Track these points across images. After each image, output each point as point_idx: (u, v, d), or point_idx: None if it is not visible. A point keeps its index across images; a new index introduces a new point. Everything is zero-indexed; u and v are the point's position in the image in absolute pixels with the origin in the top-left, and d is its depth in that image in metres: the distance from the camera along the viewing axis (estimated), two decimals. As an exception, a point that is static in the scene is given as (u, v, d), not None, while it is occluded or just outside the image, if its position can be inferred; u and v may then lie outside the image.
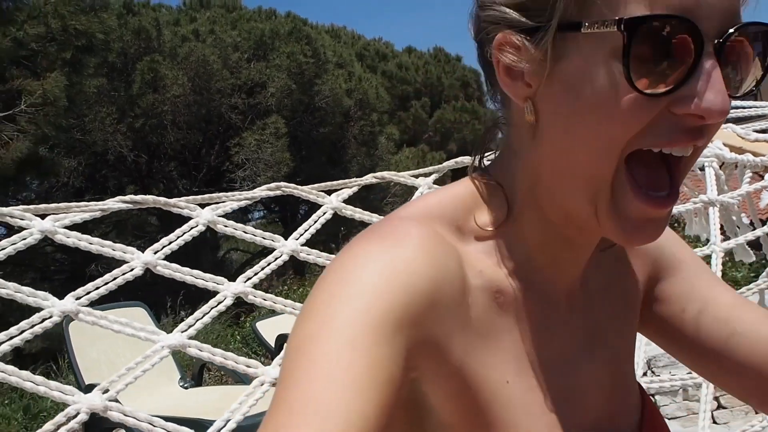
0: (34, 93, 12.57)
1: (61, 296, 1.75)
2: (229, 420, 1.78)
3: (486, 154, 0.94)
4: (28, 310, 1.68)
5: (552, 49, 0.77)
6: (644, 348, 2.19)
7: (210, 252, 19.78)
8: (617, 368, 0.98)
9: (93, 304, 1.74)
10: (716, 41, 0.73)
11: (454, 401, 0.81)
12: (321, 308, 0.74)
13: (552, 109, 0.80)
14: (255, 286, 1.96)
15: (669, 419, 6.26)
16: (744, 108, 3.02)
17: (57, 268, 19.23)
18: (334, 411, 0.64)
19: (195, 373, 7.94)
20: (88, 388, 6.81)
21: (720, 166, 2.71)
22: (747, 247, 2.52)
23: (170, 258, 1.92)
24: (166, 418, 1.75)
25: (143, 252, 1.89)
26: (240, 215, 18.78)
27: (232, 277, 1.98)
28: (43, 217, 1.86)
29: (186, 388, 7.13)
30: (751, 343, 0.98)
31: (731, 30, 0.73)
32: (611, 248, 1.00)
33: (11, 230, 1.88)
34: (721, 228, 2.44)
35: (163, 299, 12.31)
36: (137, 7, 20.64)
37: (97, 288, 1.77)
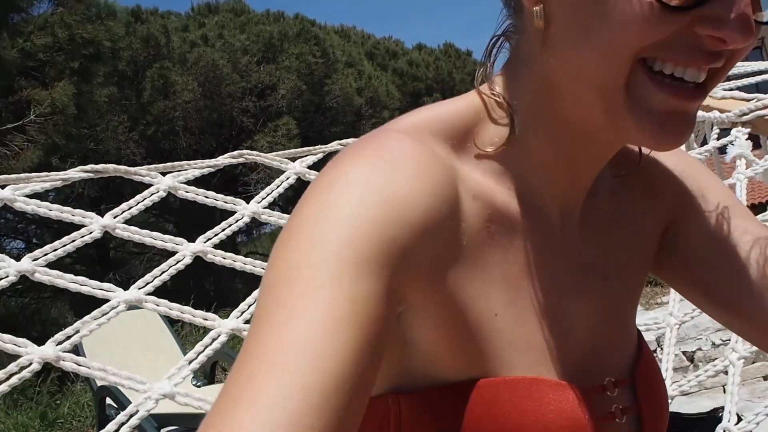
0: (43, 102, 12.69)
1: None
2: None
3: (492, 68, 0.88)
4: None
5: None
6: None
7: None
8: (613, 305, 0.94)
9: (50, 266, 1.78)
10: None
11: (440, 331, 0.78)
12: (303, 235, 0.68)
13: (565, 13, 0.75)
14: (216, 246, 1.99)
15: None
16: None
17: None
18: (311, 355, 0.60)
19: (207, 372, 7.99)
20: (99, 391, 6.91)
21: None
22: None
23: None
24: (180, 416, 1.76)
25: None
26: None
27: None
28: (3, 186, 1.90)
29: (199, 386, 7.18)
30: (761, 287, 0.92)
31: None
32: (626, 176, 0.96)
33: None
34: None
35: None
36: (145, 14, 20.79)
37: (55, 250, 1.80)
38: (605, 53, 0.72)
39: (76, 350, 6.85)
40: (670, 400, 1.30)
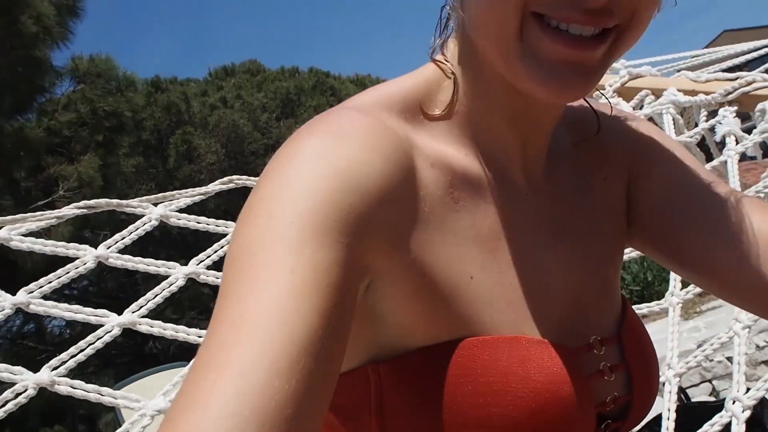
0: (70, 177, 12.98)
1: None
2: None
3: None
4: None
5: None
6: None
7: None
8: (594, 267, 0.95)
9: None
10: None
11: (411, 299, 0.78)
12: (261, 210, 0.70)
13: None
14: (208, 268, 2.04)
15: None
16: (699, 56, 3.07)
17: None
18: (276, 322, 0.61)
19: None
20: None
21: (681, 113, 2.77)
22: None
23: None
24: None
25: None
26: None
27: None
28: (-1, 227, 1.97)
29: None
30: (739, 239, 0.91)
31: None
32: (585, 145, 0.99)
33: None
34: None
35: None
36: (164, 83, 21.20)
37: (50, 282, 1.86)
38: (490, 8, 0.76)
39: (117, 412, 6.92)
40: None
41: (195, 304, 19.46)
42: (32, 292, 1.83)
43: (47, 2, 12.94)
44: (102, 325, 1.82)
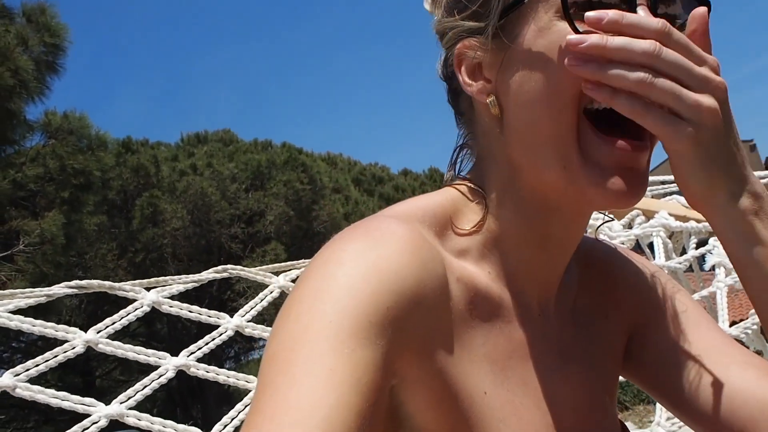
0: (32, 232, 12.77)
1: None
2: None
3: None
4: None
5: (505, 34, 0.83)
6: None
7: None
8: (595, 393, 0.97)
9: (32, 380, 1.78)
10: None
11: (434, 409, 0.79)
12: (303, 308, 0.71)
13: (512, 89, 0.84)
14: (199, 360, 1.99)
15: None
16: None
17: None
18: (315, 420, 0.62)
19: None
20: None
21: (669, 237, 2.80)
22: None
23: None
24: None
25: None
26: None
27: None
28: (-12, 303, 1.92)
29: None
30: (718, 392, 0.95)
31: None
32: (593, 280, 1.02)
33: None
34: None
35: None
36: (135, 145, 21.20)
37: (37, 365, 1.80)
38: (551, 105, 0.80)
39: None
40: None
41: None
42: (18, 374, 1.77)
43: (27, 57, 12.94)
44: (89, 415, 1.76)
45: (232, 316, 2.17)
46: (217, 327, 2.12)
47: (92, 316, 18.11)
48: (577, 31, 0.77)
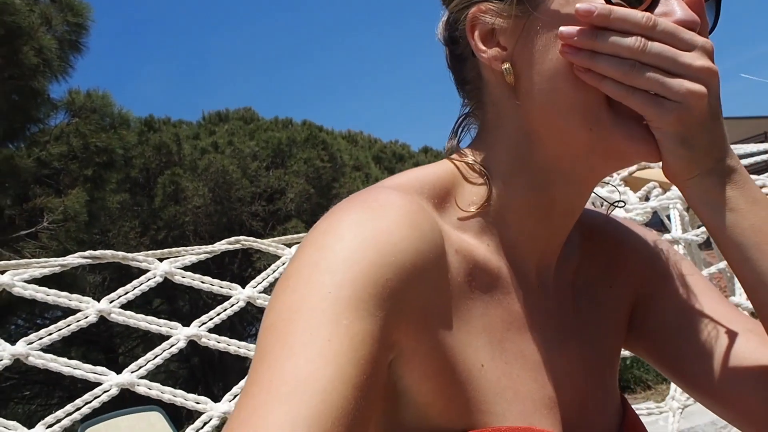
0: (56, 210, 12.87)
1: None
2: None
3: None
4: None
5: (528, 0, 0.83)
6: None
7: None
8: (594, 366, 0.98)
9: (45, 350, 1.80)
10: None
11: (430, 381, 0.79)
12: (301, 279, 0.71)
13: (534, 58, 0.84)
14: (210, 331, 2.01)
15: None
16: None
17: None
18: (312, 391, 0.62)
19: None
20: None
21: (687, 209, 2.78)
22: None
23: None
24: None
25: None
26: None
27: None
28: (2, 272, 1.94)
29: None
30: (722, 361, 0.96)
31: None
32: (591, 246, 1.03)
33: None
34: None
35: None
36: (157, 123, 21.24)
37: (50, 334, 1.82)
38: (571, 75, 0.81)
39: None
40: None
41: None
42: (32, 343, 1.79)
43: (50, 36, 12.98)
44: (100, 384, 1.78)
45: (244, 288, 2.18)
46: (228, 297, 2.13)
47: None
48: (608, 1, 0.79)
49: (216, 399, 1.79)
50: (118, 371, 1.87)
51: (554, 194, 0.89)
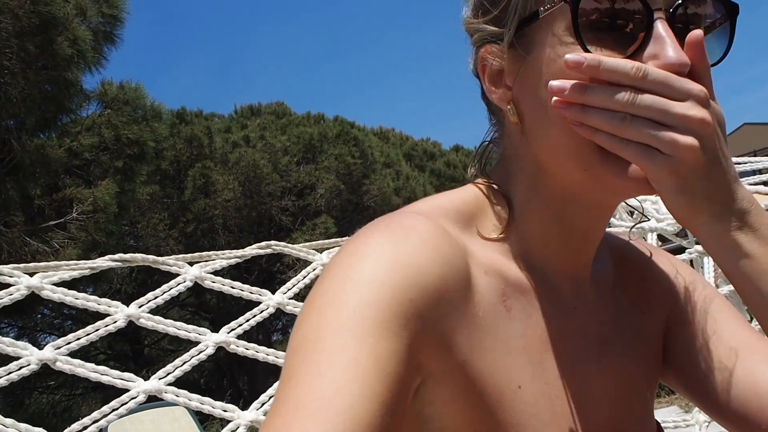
0: (86, 201, 12.95)
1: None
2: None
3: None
4: (7, 359, 1.72)
5: (521, 44, 0.85)
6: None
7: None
8: (634, 388, 0.97)
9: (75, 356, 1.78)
10: (669, 6, 0.78)
11: (459, 402, 0.79)
12: (326, 299, 0.73)
13: (530, 101, 0.85)
14: (239, 337, 1.98)
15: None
16: (738, 164, 3.03)
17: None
18: (339, 408, 0.63)
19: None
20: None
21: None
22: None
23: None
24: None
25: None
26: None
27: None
28: (32, 274, 1.92)
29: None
30: (746, 389, 0.95)
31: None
32: (626, 276, 1.03)
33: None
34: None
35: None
36: (189, 116, 21.41)
37: (78, 339, 1.80)
38: (565, 119, 0.80)
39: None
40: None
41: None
42: (60, 348, 1.77)
43: (85, 27, 13.07)
44: (127, 390, 1.76)
45: (274, 292, 2.15)
46: (258, 303, 2.10)
47: (143, 285, 18.44)
48: (586, 50, 0.78)
49: (241, 393, 1.76)
50: (144, 363, 1.83)
51: (573, 220, 0.90)
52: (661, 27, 0.78)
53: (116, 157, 14.19)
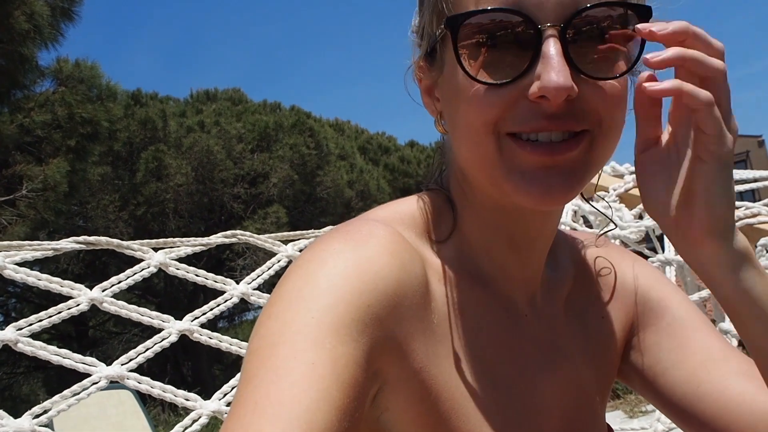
0: (36, 178, 12.73)
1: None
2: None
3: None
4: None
5: (435, 62, 0.87)
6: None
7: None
8: (586, 393, 0.98)
9: (33, 336, 1.76)
10: (559, 26, 0.76)
11: (414, 409, 0.80)
12: (285, 306, 0.73)
13: (447, 112, 0.87)
14: (202, 326, 1.97)
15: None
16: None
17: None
18: (296, 412, 0.63)
19: None
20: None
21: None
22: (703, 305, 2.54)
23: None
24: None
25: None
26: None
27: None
28: (-6, 254, 1.89)
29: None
30: (716, 403, 0.95)
31: (574, 12, 0.76)
32: (586, 279, 1.05)
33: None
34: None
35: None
36: (145, 98, 21.08)
37: (40, 320, 1.78)
38: (470, 134, 0.82)
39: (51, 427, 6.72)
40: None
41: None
42: (21, 329, 1.75)
43: (43, 2, 12.82)
44: (88, 375, 1.74)
45: (236, 281, 2.15)
46: (221, 292, 2.09)
47: (90, 266, 18.15)
48: (469, 75, 0.78)
49: (185, 380, 1.75)
50: (88, 345, 1.82)
51: (507, 227, 0.90)
52: (550, 46, 0.76)
53: (69, 136, 13.96)
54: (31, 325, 1.78)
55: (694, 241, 0.83)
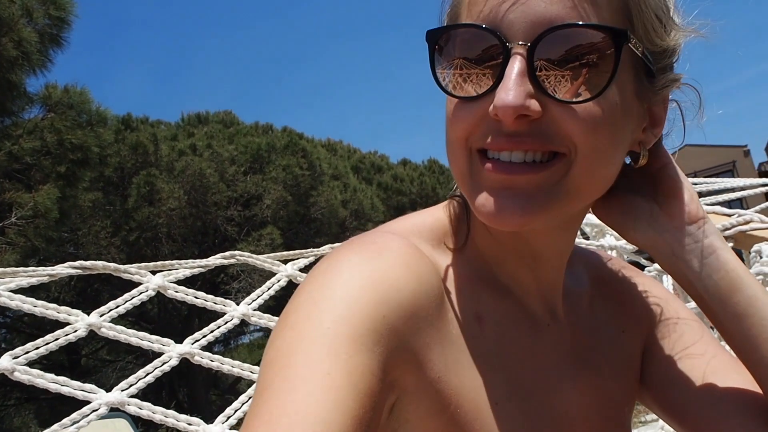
0: (26, 205, 12.64)
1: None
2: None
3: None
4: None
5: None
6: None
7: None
8: (612, 403, 0.98)
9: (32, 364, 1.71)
10: (527, 44, 0.76)
11: (435, 419, 0.80)
12: (300, 315, 0.73)
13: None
14: (203, 348, 1.93)
15: None
16: (696, 184, 3.07)
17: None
18: (312, 422, 0.63)
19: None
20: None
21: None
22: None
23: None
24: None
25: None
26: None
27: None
28: (-12, 281, 1.85)
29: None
30: (735, 426, 0.95)
31: (542, 32, 0.76)
32: (604, 294, 1.06)
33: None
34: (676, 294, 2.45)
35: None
36: (135, 122, 21.04)
37: (37, 348, 1.73)
38: (448, 148, 0.85)
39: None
40: None
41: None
42: (18, 357, 1.70)
43: (31, 28, 12.80)
44: (87, 402, 1.70)
45: (236, 302, 2.11)
46: (221, 314, 2.05)
47: (82, 294, 18.04)
48: (442, 89, 0.82)
49: (182, 405, 1.71)
50: (81, 374, 1.78)
51: (511, 242, 0.91)
52: (514, 64, 0.76)
53: (59, 162, 13.90)
54: (27, 353, 1.73)
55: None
